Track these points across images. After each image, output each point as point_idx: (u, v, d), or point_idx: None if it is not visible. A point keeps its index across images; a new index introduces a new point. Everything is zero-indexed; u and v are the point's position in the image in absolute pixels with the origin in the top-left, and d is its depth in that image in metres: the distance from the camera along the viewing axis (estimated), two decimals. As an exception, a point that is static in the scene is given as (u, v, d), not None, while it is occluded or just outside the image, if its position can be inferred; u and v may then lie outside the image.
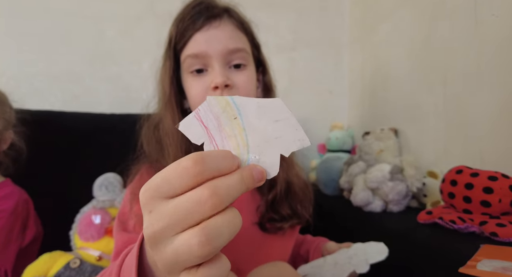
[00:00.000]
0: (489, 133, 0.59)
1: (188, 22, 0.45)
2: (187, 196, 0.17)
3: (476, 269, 0.36)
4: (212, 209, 0.16)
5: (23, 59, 0.91)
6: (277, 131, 0.19)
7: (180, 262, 0.17)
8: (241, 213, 0.53)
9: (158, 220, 0.17)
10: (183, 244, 0.16)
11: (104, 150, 0.77)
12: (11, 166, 0.66)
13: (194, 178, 0.17)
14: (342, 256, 0.47)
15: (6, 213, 0.59)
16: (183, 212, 0.16)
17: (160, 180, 0.17)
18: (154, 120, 0.49)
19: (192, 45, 0.45)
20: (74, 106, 0.91)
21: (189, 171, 0.16)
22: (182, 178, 0.17)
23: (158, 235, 0.17)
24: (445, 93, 0.70)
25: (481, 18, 0.60)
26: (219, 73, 0.43)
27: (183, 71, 0.47)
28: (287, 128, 0.19)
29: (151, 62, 1.01)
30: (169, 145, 0.44)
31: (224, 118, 0.19)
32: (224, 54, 0.44)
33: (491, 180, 0.47)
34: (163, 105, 0.48)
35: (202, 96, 0.45)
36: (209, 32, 0.44)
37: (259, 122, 0.19)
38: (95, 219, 0.62)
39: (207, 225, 0.16)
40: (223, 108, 0.19)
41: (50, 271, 0.56)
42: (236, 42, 0.45)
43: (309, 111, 1.09)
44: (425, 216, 0.54)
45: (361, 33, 1.05)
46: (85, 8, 0.95)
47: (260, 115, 0.19)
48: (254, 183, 0.18)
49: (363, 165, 0.72)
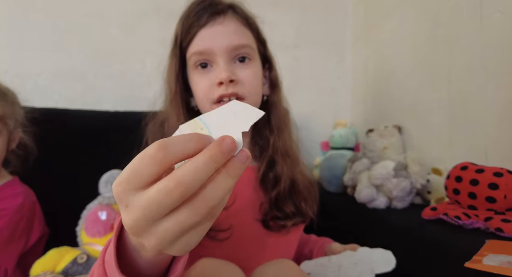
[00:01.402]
0: (494, 130, 0.59)
1: (192, 19, 0.45)
2: (155, 188, 0.17)
3: (482, 263, 0.36)
4: (181, 197, 0.17)
5: (27, 57, 0.92)
6: (236, 117, 0.21)
7: (167, 242, 0.18)
8: (244, 210, 0.52)
9: (134, 213, 0.17)
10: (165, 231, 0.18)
11: (109, 147, 0.78)
12: (19, 165, 0.67)
13: (160, 165, 0.17)
14: (347, 260, 0.47)
15: (10, 212, 0.60)
16: (155, 203, 0.17)
17: (129, 173, 0.17)
18: (160, 117, 0.49)
19: (197, 42, 0.45)
20: (78, 104, 0.91)
21: (154, 159, 0.17)
22: (149, 166, 0.17)
23: (140, 225, 0.18)
24: (450, 90, 0.70)
25: (486, 14, 0.60)
26: (223, 69, 0.43)
27: (189, 68, 0.48)
28: (244, 112, 0.21)
29: (155, 60, 1.02)
30: None
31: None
32: (229, 50, 0.44)
33: (496, 176, 0.47)
34: (169, 103, 0.48)
35: (207, 92, 0.45)
36: (213, 28, 0.44)
37: (222, 122, 0.20)
38: (101, 215, 0.63)
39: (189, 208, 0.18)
40: (192, 128, 0.20)
41: (58, 266, 0.57)
42: (241, 38, 0.46)
43: (312, 108, 1.09)
44: (430, 212, 0.54)
45: (365, 30, 1.05)
46: (89, 6, 0.95)
47: (222, 117, 0.21)
48: (225, 157, 0.18)
49: (367, 162, 0.73)
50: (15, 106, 0.65)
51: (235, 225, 0.45)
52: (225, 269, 0.38)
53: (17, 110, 0.65)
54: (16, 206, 0.61)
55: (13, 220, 0.60)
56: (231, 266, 0.39)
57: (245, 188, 0.49)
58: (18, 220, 0.61)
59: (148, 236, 0.18)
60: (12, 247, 0.60)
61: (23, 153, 0.67)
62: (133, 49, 0.98)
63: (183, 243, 0.19)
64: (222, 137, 0.18)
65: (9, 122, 0.62)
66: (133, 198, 0.18)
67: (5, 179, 0.65)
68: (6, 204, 0.60)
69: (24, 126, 0.68)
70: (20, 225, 0.62)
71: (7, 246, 0.59)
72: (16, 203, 0.61)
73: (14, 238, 0.60)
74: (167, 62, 0.50)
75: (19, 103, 0.67)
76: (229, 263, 0.40)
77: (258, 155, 0.51)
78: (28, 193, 0.66)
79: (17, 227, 0.61)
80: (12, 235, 0.60)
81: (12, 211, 0.60)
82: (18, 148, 0.67)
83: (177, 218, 0.18)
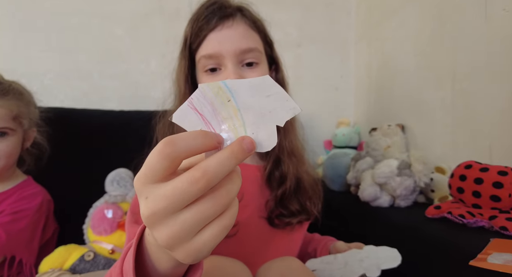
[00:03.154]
0: (498, 128, 0.59)
1: (202, 22, 0.46)
2: (180, 178, 0.18)
3: (486, 262, 0.36)
4: (206, 187, 0.18)
5: (33, 57, 0.93)
6: (270, 104, 0.20)
7: (181, 236, 0.19)
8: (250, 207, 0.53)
9: (157, 202, 0.18)
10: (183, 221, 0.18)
11: (114, 146, 0.79)
12: (32, 164, 0.68)
13: (169, 159, 0.18)
14: (353, 257, 0.46)
15: (32, 212, 0.61)
16: (179, 192, 0.18)
17: (145, 168, 0.19)
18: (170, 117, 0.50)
19: (206, 46, 0.46)
20: (84, 104, 0.92)
21: (162, 154, 0.18)
22: (159, 161, 0.18)
23: (158, 215, 0.18)
24: (453, 89, 0.69)
25: (491, 13, 0.60)
26: (232, 72, 0.44)
27: (198, 70, 0.48)
28: (279, 101, 0.20)
29: (159, 59, 1.03)
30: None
31: (218, 103, 0.20)
32: (237, 54, 0.45)
33: (501, 175, 0.47)
34: (178, 103, 0.49)
35: None
36: (222, 32, 0.45)
37: (252, 100, 0.20)
38: (108, 214, 0.64)
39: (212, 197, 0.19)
40: (215, 93, 0.20)
41: (65, 263, 0.58)
42: (249, 41, 0.46)
43: (315, 107, 1.09)
44: (434, 211, 0.54)
45: (368, 29, 1.05)
46: (94, 7, 0.96)
47: (253, 93, 0.20)
48: (245, 154, 0.19)
49: (371, 160, 0.73)
50: (30, 106, 0.66)
51: (241, 222, 0.46)
52: (232, 266, 0.39)
53: (32, 110, 0.66)
54: (36, 206, 0.63)
55: (33, 220, 0.61)
56: (237, 263, 0.40)
57: (251, 186, 0.50)
58: (38, 219, 0.63)
59: (164, 228, 0.19)
60: (33, 245, 0.61)
61: (36, 152, 0.69)
62: (137, 49, 0.99)
63: (196, 244, 0.19)
64: (242, 138, 0.20)
65: (24, 121, 0.63)
66: (154, 190, 0.18)
67: (20, 178, 0.67)
68: (26, 204, 0.62)
69: (39, 126, 0.69)
70: (40, 223, 0.63)
71: (29, 244, 0.60)
72: (36, 203, 0.63)
73: (35, 236, 0.62)
74: (176, 63, 0.51)
75: (34, 103, 0.69)
76: (235, 261, 0.40)
77: (264, 154, 0.52)
78: (44, 192, 0.68)
79: (37, 226, 0.63)
80: (33, 234, 0.62)
81: (33, 212, 0.62)
82: (32, 147, 0.68)
83: (198, 208, 0.18)
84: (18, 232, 0.58)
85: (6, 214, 0.59)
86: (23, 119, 0.63)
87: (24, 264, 0.58)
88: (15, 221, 0.58)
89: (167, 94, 0.53)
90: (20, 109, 0.62)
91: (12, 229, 0.57)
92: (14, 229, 0.57)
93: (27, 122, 0.64)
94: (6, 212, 0.59)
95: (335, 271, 0.45)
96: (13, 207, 0.60)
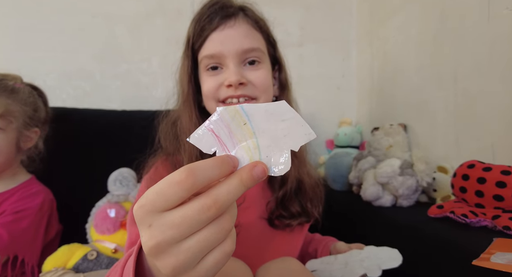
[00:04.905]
0: (501, 128, 0.59)
1: (204, 22, 0.46)
2: (190, 206, 0.18)
3: (489, 261, 0.36)
4: (216, 215, 0.18)
5: (36, 57, 0.93)
6: (285, 129, 0.21)
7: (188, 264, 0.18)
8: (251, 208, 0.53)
9: (163, 231, 0.18)
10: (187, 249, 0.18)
11: (117, 146, 0.79)
12: (37, 164, 0.68)
13: (187, 191, 0.18)
14: (353, 257, 0.46)
15: (33, 211, 0.61)
16: (189, 220, 0.18)
17: (155, 196, 0.18)
18: (173, 116, 0.50)
19: (208, 45, 0.46)
20: (86, 103, 0.93)
21: (182, 185, 0.18)
22: (176, 192, 0.18)
23: (163, 245, 0.18)
24: (456, 88, 0.69)
25: (494, 12, 0.60)
26: (233, 72, 0.44)
27: (200, 69, 0.48)
28: (294, 126, 0.21)
29: (161, 59, 1.03)
30: (186, 142, 0.45)
31: (234, 125, 0.21)
32: (239, 54, 0.45)
33: (504, 174, 0.47)
34: (181, 103, 0.49)
35: (214, 91, 0.46)
36: (224, 32, 0.45)
37: (268, 124, 0.21)
38: (110, 213, 0.64)
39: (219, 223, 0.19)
40: (232, 116, 0.21)
41: (68, 262, 0.58)
42: (251, 41, 0.46)
43: (317, 107, 1.09)
44: (436, 210, 0.54)
45: (370, 28, 1.04)
46: (95, 6, 0.96)
47: (268, 117, 0.21)
48: (254, 181, 0.19)
49: (373, 160, 0.73)
50: (27, 105, 0.64)
51: (242, 224, 0.46)
52: (233, 265, 0.39)
53: (28, 109, 0.64)
54: (38, 205, 0.62)
55: (36, 219, 0.61)
56: (238, 262, 0.40)
57: (253, 187, 0.50)
58: (40, 218, 0.63)
59: (168, 257, 0.18)
60: (36, 244, 0.61)
61: (39, 152, 0.68)
62: (139, 49, 0.99)
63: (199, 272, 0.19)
64: (255, 163, 0.20)
65: (14, 120, 0.61)
66: (160, 218, 0.18)
67: (23, 178, 0.66)
68: (27, 204, 0.61)
69: (43, 125, 0.68)
70: (42, 223, 0.63)
71: (32, 244, 0.60)
72: (38, 203, 0.63)
73: (38, 236, 0.62)
74: (179, 62, 0.51)
75: (36, 103, 0.67)
76: (236, 260, 0.40)
77: None
78: (46, 191, 0.67)
79: (40, 226, 0.62)
80: (36, 233, 0.61)
81: (35, 211, 0.61)
82: (35, 148, 0.67)
83: (203, 235, 0.18)
84: (20, 231, 0.58)
85: (8, 213, 0.59)
86: (12, 118, 0.60)
87: (27, 264, 0.58)
88: (17, 221, 0.58)
89: (169, 93, 0.53)
90: (9, 107, 0.59)
91: (14, 229, 0.57)
92: (16, 229, 0.57)
93: (21, 121, 0.62)
94: (8, 212, 0.59)
95: (335, 271, 0.45)
96: (14, 206, 0.60)
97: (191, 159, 0.45)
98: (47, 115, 0.71)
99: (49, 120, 0.72)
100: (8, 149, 0.61)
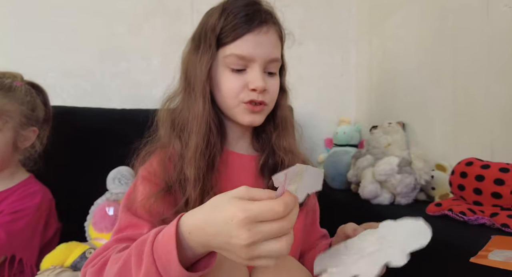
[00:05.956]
0: (500, 126, 0.59)
1: (241, 19, 0.45)
2: (276, 223, 0.27)
3: (487, 259, 0.36)
4: (287, 230, 0.28)
5: (36, 56, 0.93)
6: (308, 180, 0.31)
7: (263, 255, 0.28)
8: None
9: (257, 233, 0.27)
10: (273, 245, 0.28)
11: (116, 145, 0.79)
12: (36, 162, 0.68)
13: (277, 216, 0.27)
14: (367, 241, 0.36)
15: (31, 211, 0.61)
16: (273, 230, 0.27)
17: (259, 213, 0.27)
18: (176, 111, 0.49)
19: (241, 45, 0.45)
20: (86, 102, 0.93)
21: (279, 214, 0.27)
22: (273, 216, 0.27)
23: (256, 242, 0.27)
24: (455, 86, 0.69)
25: (493, 9, 0.59)
26: (260, 78, 0.45)
27: (220, 63, 0.47)
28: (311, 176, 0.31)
29: (161, 58, 1.03)
30: (194, 131, 0.45)
31: (294, 180, 0.29)
32: (267, 61, 0.46)
33: (502, 171, 0.47)
34: (193, 92, 0.47)
35: (238, 93, 0.46)
36: (259, 36, 0.46)
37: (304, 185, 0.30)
38: (109, 211, 0.64)
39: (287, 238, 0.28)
40: (298, 174, 0.29)
41: (67, 260, 0.58)
42: (277, 51, 0.48)
43: (316, 105, 1.09)
44: (434, 208, 0.54)
45: (369, 27, 1.04)
46: (96, 5, 0.96)
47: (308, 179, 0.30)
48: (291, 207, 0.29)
49: (371, 158, 0.72)
50: (24, 105, 0.64)
51: None
52: (228, 263, 0.39)
53: (23, 108, 0.63)
54: (36, 205, 0.62)
55: (33, 219, 0.61)
56: None
57: (245, 176, 0.50)
58: (38, 218, 0.63)
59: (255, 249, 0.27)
60: (33, 244, 0.61)
61: (38, 151, 0.68)
62: (139, 48, 0.99)
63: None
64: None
65: (10, 119, 0.60)
66: (256, 226, 0.27)
67: (21, 177, 0.66)
68: (26, 203, 0.61)
69: (44, 124, 0.68)
70: (40, 222, 0.63)
71: (30, 244, 0.60)
72: (36, 202, 0.62)
73: (36, 235, 0.62)
74: (187, 48, 0.50)
75: (35, 102, 0.66)
76: None
77: (259, 147, 0.53)
78: (44, 191, 0.67)
79: (38, 225, 0.62)
80: (34, 233, 0.61)
81: (33, 211, 0.61)
82: (32, 147, 0.67)
83: (273, 242, 0.28)
84: (18, 231, 0.58)
85: (6, 213, 0.58)
86: (8, 117, 0.60)
87: (25, 263, 0.58)
88: (15, 221, 0.58)
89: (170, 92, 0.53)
90: (4, 107, 0.59)
91: (12, 229, 0.57)
92: (14, 229, 0.57)
93: (17, 120, 0.61)
94: (6, 211, 0.59)
95: (348, 267, 0.34)
96: (12, 206, 0.60)
97: (196, 153, 0.45)
98: (46, 114, 0.70)
99: (50, 119, 0.71)
100: (4, 149, 0.61)
